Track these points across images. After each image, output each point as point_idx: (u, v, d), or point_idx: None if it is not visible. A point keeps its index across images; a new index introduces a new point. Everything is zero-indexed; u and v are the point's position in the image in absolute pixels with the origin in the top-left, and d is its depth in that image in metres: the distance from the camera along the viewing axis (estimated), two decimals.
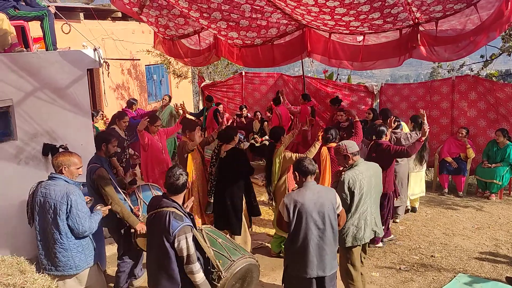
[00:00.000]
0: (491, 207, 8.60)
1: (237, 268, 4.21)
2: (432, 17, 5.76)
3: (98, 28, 12.06)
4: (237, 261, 4.24)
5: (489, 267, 6.23)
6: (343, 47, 6.91)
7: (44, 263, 4.35)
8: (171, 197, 3.89)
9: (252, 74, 12.72)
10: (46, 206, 4.26)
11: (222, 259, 4.19)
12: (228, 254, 4.25)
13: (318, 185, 4.50)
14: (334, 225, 4.38)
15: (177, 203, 3.87)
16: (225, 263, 4.17)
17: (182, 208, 3.89)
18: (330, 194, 4.43)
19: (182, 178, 3.88)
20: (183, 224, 3.72)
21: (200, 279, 3.77)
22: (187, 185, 4.00)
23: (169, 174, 3.89)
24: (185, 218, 3.79)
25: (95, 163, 5.13)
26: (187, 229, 3.74)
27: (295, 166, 4.49)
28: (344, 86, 11.17)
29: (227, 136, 6.36)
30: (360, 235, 5.01)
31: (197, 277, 3.75)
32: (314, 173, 4.44)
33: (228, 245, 4.42)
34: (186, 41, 8.67)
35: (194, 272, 3.74)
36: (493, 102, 9.37)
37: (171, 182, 3.87)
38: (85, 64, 6.54)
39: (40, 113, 6.00)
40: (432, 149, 9.77)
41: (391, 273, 6.14)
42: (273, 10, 6.44)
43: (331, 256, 4.38)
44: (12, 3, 6.35)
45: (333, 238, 4.40)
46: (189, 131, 6.80)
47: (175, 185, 3.86)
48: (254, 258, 4.45)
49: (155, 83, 16.43)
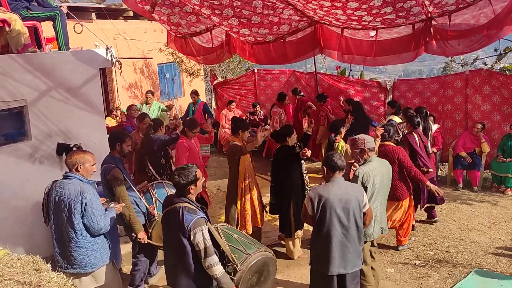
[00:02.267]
0: (507, 202, 8.51)
1: (253, 261, 4.24)
2: (445, 11, 5.69)
3: (110, 27, 12.11)
4: (253, 254, 4.28)
5: (505, 262, 6.17)
6: (356, 42, 6.86)
7: (60, 262, 4.38)
8: (184, 193, 3.92)
9: (264, 71, 12.69)
10: (61, 205, 4.30)
11: (237, 253, 4.22)
12: (243, 248, 4.29)
13: (346, 181, 4.46)
14: (359, 223, 4.33)
15: (189, 199, 3.89)
16: (241, 257, 4.20)
17: (194, 203, 3.90)
18: (358, 191, 4.38)
19: (181, 178, 3.85)
20: (197, 217, 3.74)
21: (219, 272, 3.77)
22: (203, 184, 3.97)
23: (174, 174, 3.92)
24: (198, 212, 3.81)
25: (109, 163, 5.14)
26: (202, 222, 3.76)
27: (324, 161, 4.45)
28: (356, 82, 11.11)
29: (280, 135, 6.35)
30: (370, 232, 5.00)
31: (215, 270, 3.75)
32: (343, 169, 4.41)
33: (243, 240, 4.45)
34: (198, 38, 8.67)
35: (213, 265, 3.74)
36: (507, 96, 9.26)
37: (175, 182, 3.90)
38: (97, 64, 6.59)
39: (54, 112, 6.06)
40: (446, 144, 9.69)
41: (406, 268, 6.11)
42: (285, 6, 6.42)
43: (354, 254, 4.33)
44: (24, 4, 6.41)
45: (358, 236, 4.35)
46: (242, 131, 6.38)
47: (177, 184, 3.88)
48: (270, 252, 4.46)
49: (167, 81, 16.47)
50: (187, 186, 3.87)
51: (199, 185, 3.99)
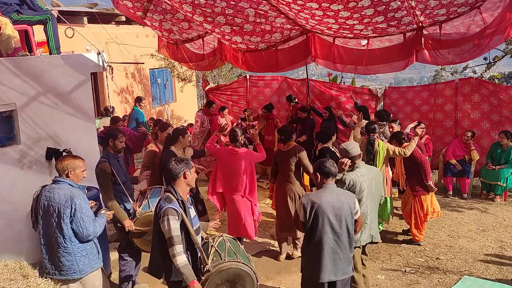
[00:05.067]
0: (496, 209, 8.57)
1: (225, 267, 4.24)
2: (436, 21, 5.74)
3: (102, 32, 12.09)
4: (228, 261, 4.28)
5: (495, 269, 6.21)
6: (347, 51, 6.88)
7: (48, 267, 4.34)
8: (171, 183, 4.08)
9: (256, 78, 12.71)
10: (50, 210, 4.26)
11: (216, 257, 4.29)
12: (224, 254, 4.33)
13: (338, 188, 4.45)
14: (351, 230, 4.32)
15: (174, 189, 4.03)
16: (217, 261, 4.26)
17: (177, 194, 4.01)
18: (349, 198, 4.36)
19: (173, 165, 4.03)
20: (167, 206, 3.86)
21: (181, 263, 3.83)
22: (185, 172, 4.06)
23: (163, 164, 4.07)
24: (174, 202, 3.91)
25: (102, 157, 5.39)
26: (171, 212, 3.85)
27: (316, 167, 4.41)
28: (348, 89, 11.15)
29: (326, 135, 6.64)
30: (357, 237, 4.99)
31: (178, 260, 3.83)
32: (336, 175, 4.41)
33: (231, 249, 4.43)
34: (190, 45, 8.67)
35: (176, 254, 3.82)
36: (496, 104, 9.36)
37: (166, 169, 4.08)
38: (88, 68, 6.55)
39: (44, 117, 6.00)
40: (436, 151, 9.76)
41: (397, 275, 6.12)
42: (277, 14, 6.43)
43: (345, 261, 4.32)
44: (15, 7, 6.37)
45: (349, 243, 4.33)
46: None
47: (166, 171, 4.08)
48: (250, 267, 4.39)
49: (159, 87, 16.45)
50: (175, 176, 4.03)
51: (189, 180, 4.11)
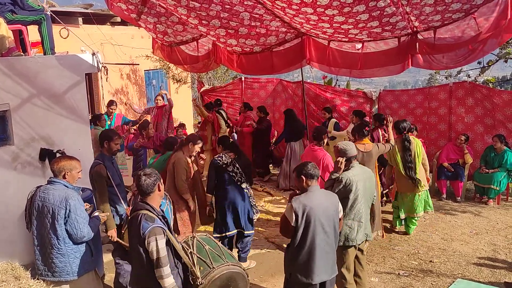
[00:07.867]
0: (489, 213, 8.60)
1: (217, 275, 4.14)
2: (431, 26, 5.76)
3: (97, 32, 12.04)
4: (217, 268, 4.17)
5: (488, 272, 6.23)
6: (342, 54, 6.88)
7: (41, 269, 4.32)
8: (145, 199, 3.86)
9: (251, 80, 12.71)
10: (44, 211, 4.25)
11: (203, 266, 4.14)
12: (210, 261, 4.19)
13: (321, 189, 4.50)
14: (337, 228, 4.40)
15: (150, 205, 3.82)
16: (205, 270, 4.11)
17: (155, 210, 3.83)
18: (334, 198, 4.47)
19: (145, 179, 3.82)
20: (152, 226, 3.67)
21: (169, 285, 3.69)
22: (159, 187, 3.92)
23: (136, 177, 3.91)
24: (157, 220, 3.74)
25: (97, 160, 5.39)
26: (158, 231, 3.68)
27: (299, 170, 4.41)
28: (343, 92, 11.19)
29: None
30: (353, 236, 5.01)
31: (166, 282, 3.67)
32: (318, 177, 4.45)
33: (213, 252, 4.33)
34: (185, 47, 8.65)
35: (163, 276, 3.66)
36: (490, 108, 9.40)
37: (136, 185, 3.87)
38: (83, 69, 6.51)
39: (37, 118, 5.96)
40: (430, 154, 9.78)
41: (390, 278, 6.13)
42: (272, 18, 6.43)
43: (333, 260, 4.41)
44: (9, 7, 6.34)
45: (335, 242, 4.42)
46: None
47: (139, 187, 3.83)
48: (239, 266, 4.36)
49: (154, 88, 16.40)
50: (150, 191, 3.84)
51: (162, 191, 3.96)
